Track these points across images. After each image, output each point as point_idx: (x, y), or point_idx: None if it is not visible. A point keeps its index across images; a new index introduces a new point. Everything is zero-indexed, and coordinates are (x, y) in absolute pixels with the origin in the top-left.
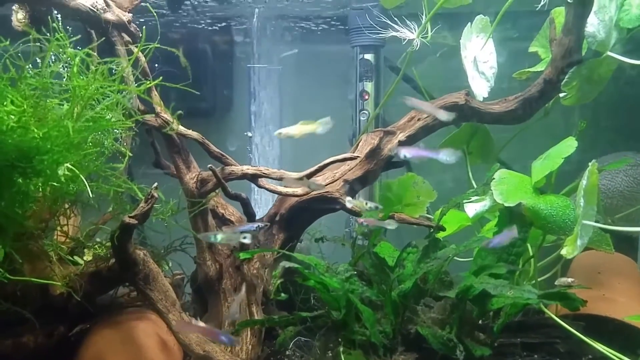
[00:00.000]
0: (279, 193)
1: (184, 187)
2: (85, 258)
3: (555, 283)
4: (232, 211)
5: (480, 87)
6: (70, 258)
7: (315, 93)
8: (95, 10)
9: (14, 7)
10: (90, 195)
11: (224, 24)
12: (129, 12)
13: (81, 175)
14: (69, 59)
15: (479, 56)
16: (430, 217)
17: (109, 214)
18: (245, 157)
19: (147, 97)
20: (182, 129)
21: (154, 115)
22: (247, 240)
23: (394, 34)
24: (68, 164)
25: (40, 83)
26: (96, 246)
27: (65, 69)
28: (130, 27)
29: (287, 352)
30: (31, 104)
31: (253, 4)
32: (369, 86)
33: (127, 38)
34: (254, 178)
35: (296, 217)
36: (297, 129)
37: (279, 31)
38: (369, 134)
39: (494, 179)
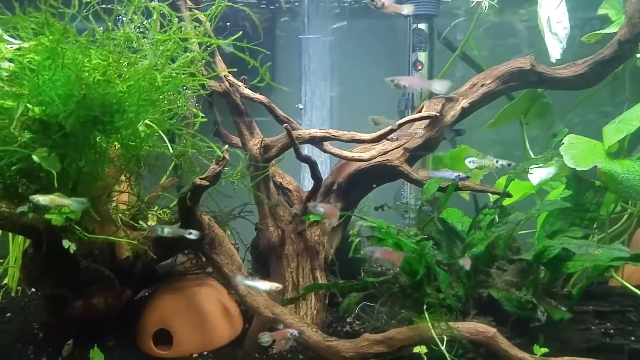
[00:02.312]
0: (345, 158)
1: (247, 152)
2: (149, 223)
3: None
4: (289, 180)
5: (554, 48)
6: (135, 223)
7: (365, 64)
8: None
9: None
10: (171, 151)
11: None
12: None
13: (160, 131)
14: (143, 18)
15: (553, 16)
16: None
17: (171, 179)
18: None
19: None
20: (249, 92)
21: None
22: (192, 236)
23: None
24: (147, 121)
25: (125, 37)
26: (160, 211)
27: (138, 29)
28: None
29: (348, 319)
30: (115, 58)
31: None
32: (422, 56)
33: (189, 4)
34: (322, 140)
35: (354, 186)
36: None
37: (330, 2)
38: (431, 100)
39: (563, 144)
